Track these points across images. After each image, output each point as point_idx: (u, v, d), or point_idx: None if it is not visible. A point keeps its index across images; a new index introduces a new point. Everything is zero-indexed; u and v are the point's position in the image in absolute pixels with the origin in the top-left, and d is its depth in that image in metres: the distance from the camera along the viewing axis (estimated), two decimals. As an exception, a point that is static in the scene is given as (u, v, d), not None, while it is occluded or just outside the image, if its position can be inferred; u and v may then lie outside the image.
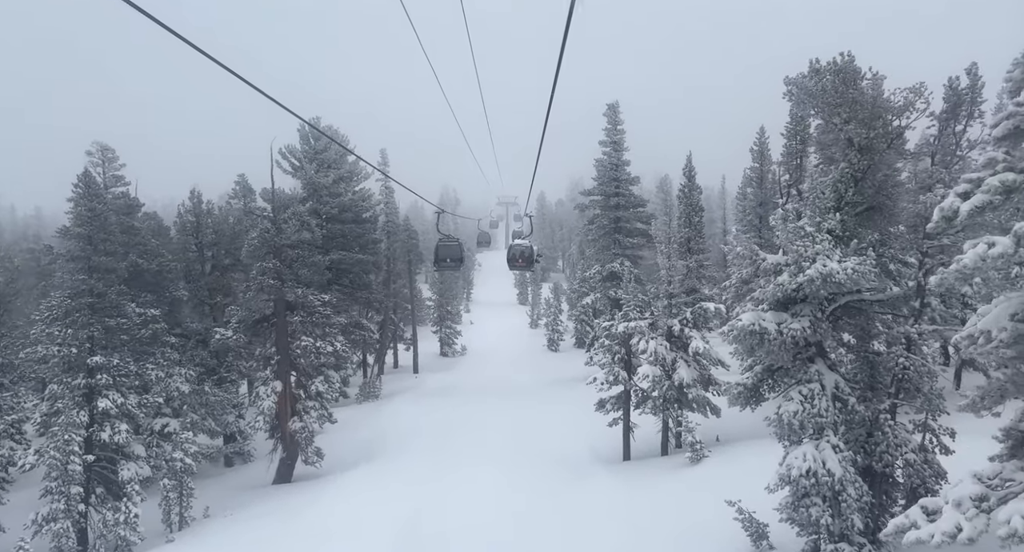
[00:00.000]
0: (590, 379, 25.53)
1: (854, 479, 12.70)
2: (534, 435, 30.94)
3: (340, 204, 45.86)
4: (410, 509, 22.59)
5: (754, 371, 14.35)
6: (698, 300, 25.00)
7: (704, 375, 24.35)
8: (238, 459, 35.83)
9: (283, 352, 29.51)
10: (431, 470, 27.67)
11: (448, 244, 21.88)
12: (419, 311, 77.86)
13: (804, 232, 12.91)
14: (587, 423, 29.57)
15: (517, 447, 29.28)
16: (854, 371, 14.32)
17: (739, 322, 13.31)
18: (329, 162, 47.12)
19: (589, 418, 28.74)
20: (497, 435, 31.92)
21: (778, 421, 13.27)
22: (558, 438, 30.25)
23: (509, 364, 60.21)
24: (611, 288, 44.65)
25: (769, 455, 20.98)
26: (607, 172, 44.81)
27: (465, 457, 29.05)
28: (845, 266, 12.26)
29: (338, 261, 45.49)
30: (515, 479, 25.12)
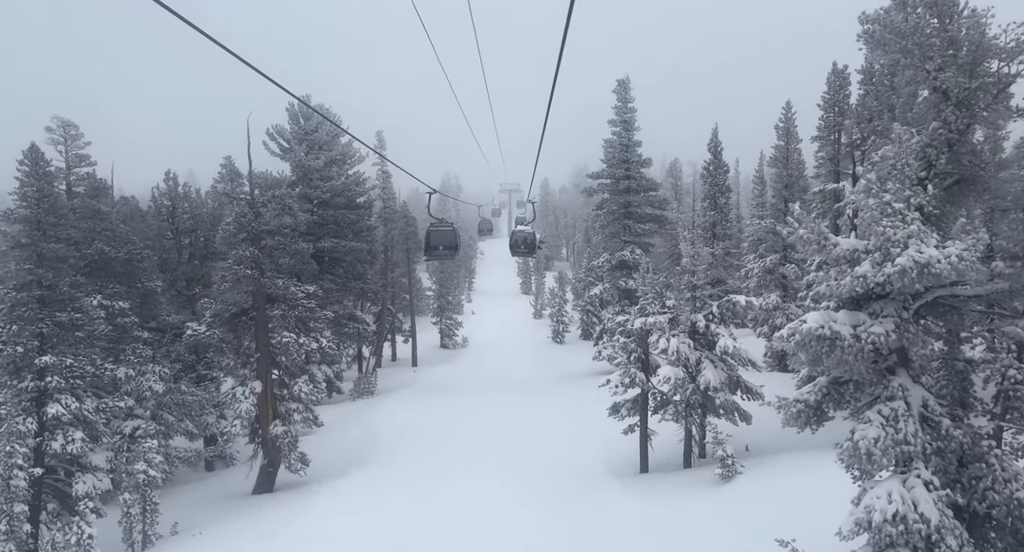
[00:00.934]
0: (603, 381, 22.75)
1: (953, 526, 9.89)
2: (539, 440, 28.19)
3: (332, 188, 42.99)
4: (403, 535, 19.87)
5: (817, 385, 11.51)
6: (725, 292, 22.12)
7: (733, 377, 21.53)
8: (220, 463, 33.18)
9: (263, 349, 26.74)
10: (426, 481, 24.97)
11: (440, 229, 19.09)
12: (419, 301, 75.15)
13: (891, 209, 10.04)
14: (598, 426, 26.78)
15: (521, 455, 26.54)
16: (940, 384, 11.60)
17: (804, 325, 10.48)
18: (320, 143, 44.22)
19: (600, 420, 25.93)
20: (499, 439, 29.18)
21: (852, 449, 10.44)
22: (566, 444, 27.50)
23: (512, 357, 57.45)
24: (621, 278, 41.82)
25: (812, 471, 18.23)
26: (617, 153, 41.83)
27: (464, 466, 26.33)
28: (948, 253, 9.44)
29: (330, 249, 42.69)
30: (520, 494, 22.39)
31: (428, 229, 19.03)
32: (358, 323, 44.94)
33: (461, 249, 20.14)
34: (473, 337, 70.20)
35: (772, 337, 32.79)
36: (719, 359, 21.50)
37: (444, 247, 18.76)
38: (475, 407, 36.01)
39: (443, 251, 18.81)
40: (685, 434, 21.68)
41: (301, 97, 39.99)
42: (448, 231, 18.96)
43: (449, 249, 18.75)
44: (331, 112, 45.20)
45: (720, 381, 20.80)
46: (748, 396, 21.57)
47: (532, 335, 70.67)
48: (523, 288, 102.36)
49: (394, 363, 61.14)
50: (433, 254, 19.05)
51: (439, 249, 18.75)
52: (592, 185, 42.88)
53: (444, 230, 18.98)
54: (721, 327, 21.34)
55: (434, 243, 18.85)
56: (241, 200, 26.10)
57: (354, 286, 43.92)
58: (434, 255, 19.12)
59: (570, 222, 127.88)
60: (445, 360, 60.47)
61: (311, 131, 43.73)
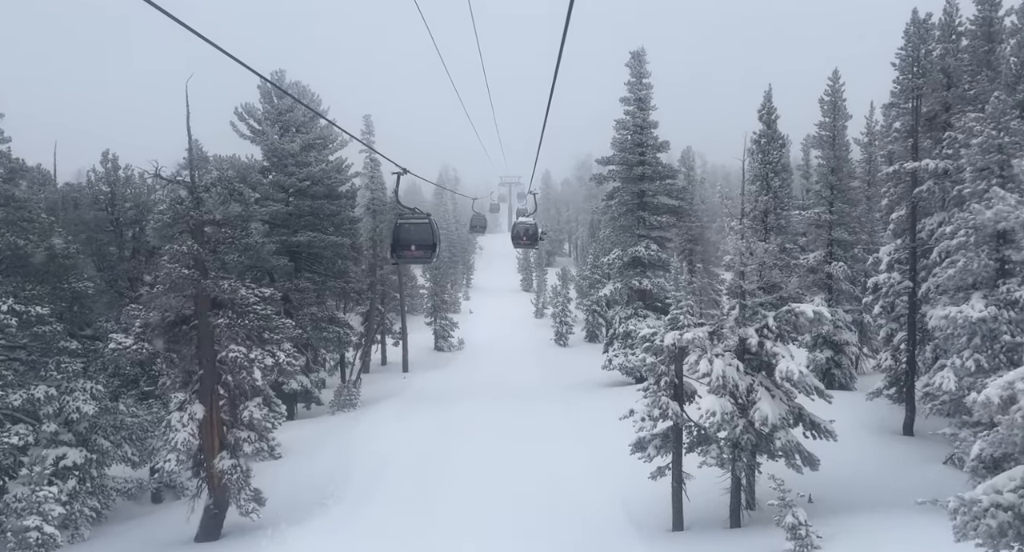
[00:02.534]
0: (626, 413, 17.92)
1: None
2: (544, 474, 23.39)
3: (310, 175, 38.12)
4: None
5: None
6: (782, 300, 17.28)
7: (794, 409, 16.73)
8: (168, 493, 28.42)
9: (206, 366, 21.94)
10: (406, 527, 20.30)
11: (412, 222, 14.33)
12: (412, 299, 70.36)
13: None
14: (615, 456, 21.89)
15: (522, 496, 21.75)
16: None
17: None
18: (296, 125, 39.37)
19: (616, 448, 21.12)
20: (496, 472, 24.41)
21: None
22: (576, 479, 22.72)
23: (512, 361, 52.68)
24: (634, 276, 37.01)
25: (918, 543, 13.56)
26: (630, 135, 36.96)
27: (453, 507, 21.61)
28: None
29: (307, 244, 37.89)
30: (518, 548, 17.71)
31: (396, 223, 14.32)
32: (339, 326, 40.12)
33: (441, 248, 15.32)
34: (470, 338, 65.46)
35: (815, 346, 28.01)
36: (776, 386, 16.69)
37: (417, 246, 14.05)
38: (468, 425, 31.22)
39: (415, 251, 14.11)
40: (732, 483, 16.89)
41: (266, 74, 35.34)
42: (422, 225, 14.23)
43: (424, 249, 14.05)
44: (308, 91, 40.35)
45: (779, 415, 15.99)
46: (814, 433, 16.77)
47: (533, 336, 65.90)
48: (524, 285, 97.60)
49: (383, 367, 56.42)
50: (403, 256, 14.34)
51: (410, 249, 14.05)
52: (602, 172, 38.00)
53: (417, 224, 14.25)
54: (779, 345, 16.51)
55: (404, 241, 14.13)
56: (178, 183, 21.23)
57: (334, 285, 39.08)
58: (404, 257, 14.41)
59: (573, 216, 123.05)
60: (439, 364, 55.74)
61: (285, 111, 38.88)
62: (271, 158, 38.36)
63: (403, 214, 14.30)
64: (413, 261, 14.50)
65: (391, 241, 14.20)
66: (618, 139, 37.30)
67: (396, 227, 14.10)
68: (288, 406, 38.75)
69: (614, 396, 33.39)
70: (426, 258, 14.27)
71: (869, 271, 23.46)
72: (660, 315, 38.05)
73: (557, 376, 43.28)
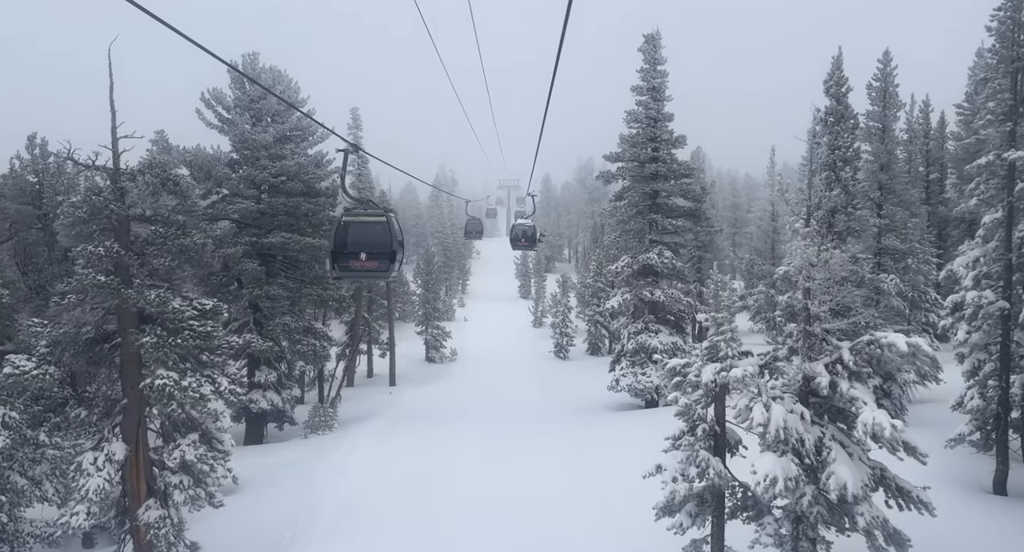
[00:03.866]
0: (652, 469, 13.83)
1: None
2: (542, 533, 19.27)
3: (284, 170, 34.04)
4: None
5: None
6: (859, 328, 13.22)
7: (877, 473, 12.67)
8: (102, 537, 24.29)
9: (132, 394, 17.90)
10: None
11: (364, 221, 10.46)
12: (403, 305, 66.38)
13: None
14: (631, 506, 18.00)
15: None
16: None
17: None
18: (270, 113, 35.32)
19: (635, 502, 17.16)
20: (484, 522, 20.31)
21: None
22: (585, 538, 18.62)
23: (508, 377, 48.57)
24: (645, 287, 32.99)
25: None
26: (642, 129, 32.98)
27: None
28: None
29: (280, 246, 33.84)
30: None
31: (338, 220, 10.35)
32: (316, 338, 36.02)
33: (403, 257, 11.15)
34: (464, 348, 61.39)
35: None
36: (852, 441, 12.64)
37: (369, 254, 10.09)
38: (455, 458, 27.13)
39: (366, 262, 10.12)
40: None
41: (236, 58, 31.07)
42: (376, 225, 10.25)
43: (378, 258, 10.08)
44: (284, 77, 36.31)
45: (861, 482, 11.95)
46: (903, 502, 12.72)
47: (531, 348, 61.82)
48: (522, 292, 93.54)
49: (370, 380, 52.33)
50: (349, 268, 10.33)
51: (358, 258, 10.07)
52: (610, 169, 33.96)
53: (369, 223, 10.27)
54: (856, 386, 12.47)
55: (350, 246, 10.16)
56: (96, 170, 17.15)
57: (311, 292, 35.00)
58: (351, 270, 10.39)
59: (573, 220, 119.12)
60: (429, 377, 51.66)
61: (258, 98, 34.84)
62: (241, 150, 34.34)
63: (350, 209, 10.34)
64: (363, 275, 10.46)
65: (331, 246, 10.20)
66: (627, 135, 33.32)
67: (339, 227, 10.12)
68: (256, 428, 34.75)
69: (624, 424, 29.32)
70: (381, 272, 10.27)
71: (944, 285, 19.48)
72: (673, 330, 34.06)
73: (558, 396, 39.20)
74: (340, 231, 10.15)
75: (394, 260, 10.08)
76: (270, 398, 34.24)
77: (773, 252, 53.08)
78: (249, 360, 35.03)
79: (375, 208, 10.61)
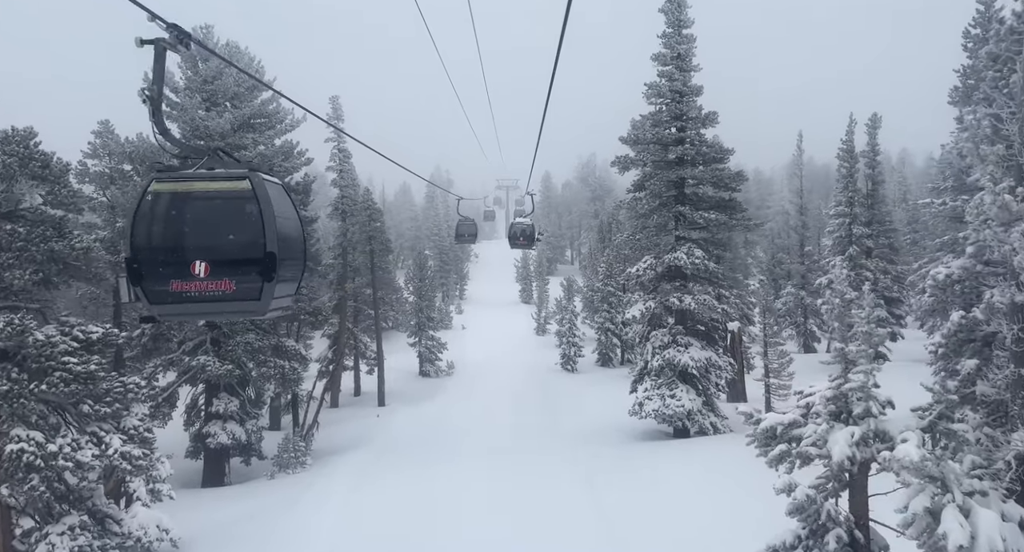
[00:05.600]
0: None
1: None
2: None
3: (244, 162, 28.89)
4: None
5: None
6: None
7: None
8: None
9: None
10: None
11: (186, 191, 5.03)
12: (396, 313, 61.17)
13: None
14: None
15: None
16: None
17: None
18: (227, 96, 30.16)
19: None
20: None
21: None
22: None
23: (511, 394, 43.31)
24: (672, 292, 27.79)
25: None
26: (666, 104, 27.81)
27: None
28: None
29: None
30: None
31: (141, 192, 5.15)
32: (285, 358, 30.78)
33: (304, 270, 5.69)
34: (462, 359, 56.16)
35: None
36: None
37: (215, 266, 4.96)
38: (449, 506, 21.87)
39: (209, 282, 4.92)
40: None
41: (195, 31, 25.62)
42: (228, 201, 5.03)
43: (239, 272, 4.91)
44: (245, 55, 31.20)
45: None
46: None
47: (535, 358, 56.51)
48: (523, 296, 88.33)
49: (356, 399, 47.06)
50: (165, 296, 5.04)
51: (191, 274, 4.88)
52: (628, 154, 28.67)
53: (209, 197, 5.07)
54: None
55: (169, 247, 4.98)
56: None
57: (277, 305, 29.74)
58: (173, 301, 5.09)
59: (575, 220, 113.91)
60: (423, 394, 46.39)
61: (211, 78, 29.67)
62: (192, 139, 29.11)
63: (169, 167, 5.18)
64: (205, 310, 5.06)
65: (127, 249, 4.96)
66: (639, 122, 28.09)
67: (142, 206, 4.94)
68: (215, 465, 29.48)
69: (655, 462, 24.00)
70: (241, 302, 5.02)
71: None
72: (704, 342, 28.86)
73: (569, 420, 33.92)
74: (147, 216, 4.99)
75: (271, 275, 4.90)
76: (231, 430, 29.05)
77: (802, 249, 47.82)
78: (207, 386, 29.90)
79: (224, 163, 5.42)
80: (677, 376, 27.57)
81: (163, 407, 29.23)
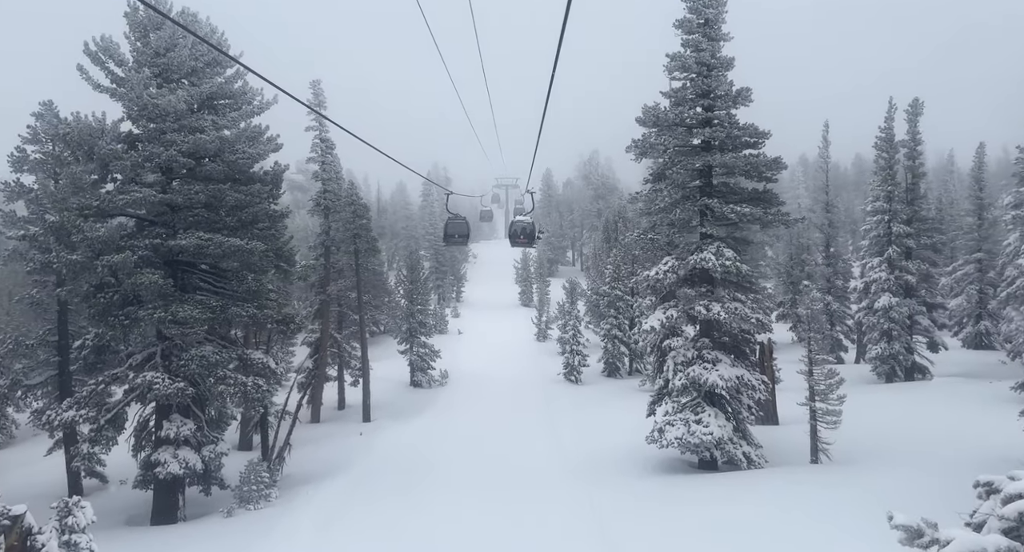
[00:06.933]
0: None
1: None
2: None
3: (201, 147, 24.82)
4: None
5: None
6: None
7: None
8: None
9: None
10: None
11: None
12: (388, 318, 57.22)
13: None
14: None
15: None
16: None
17: None
18: (182, 71, 26.07)
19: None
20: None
21: None
22: None
23: (510, 409, 39.33)
24: (698, 299, 23.77)
25: None
26: (691, 80, 23.79)
27: None
28: None
29: (194, 250, 24.61)
30: None
31: None
32: (252, 373, 26.72)
33: None
34: (457, 368, 52.23)
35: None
36: None
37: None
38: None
39: None
40: None
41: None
42: None
43: None
44: (206, 25, 27.10)
45: None
46: None
47: (536, 367, 52.51)
48: (523, 299, 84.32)
49: (340, 413, 43.04)
50: None
51: None
52: (648, 136, 24.58)
53: None
54: None
55: None
56: None
57: (239, 313, 25.66)
58: None
59: (577, 220, 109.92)
60: (413, 408, 42.39)
61: (164, 50, 25.60)
62: (140, 120, 25.14)
63: None
64: None
65: None
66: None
67: None
68: (166, 498, 25.31)
69: (685, 504, 19.91)
70: None
71: None
72: (734, 357, 24.84)
73: (575, 443, 29.87)
74: None
75: None
76: (184, 458, 24.97)
77: (828, 249, 43.78)
78: (157, 407, 25.87)
79: None
80: (703, 397, 23.56)
81: (106, 431, 25.39)
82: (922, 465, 20.69)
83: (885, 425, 25.62)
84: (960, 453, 21.45)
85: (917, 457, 21.87)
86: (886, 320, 34.18)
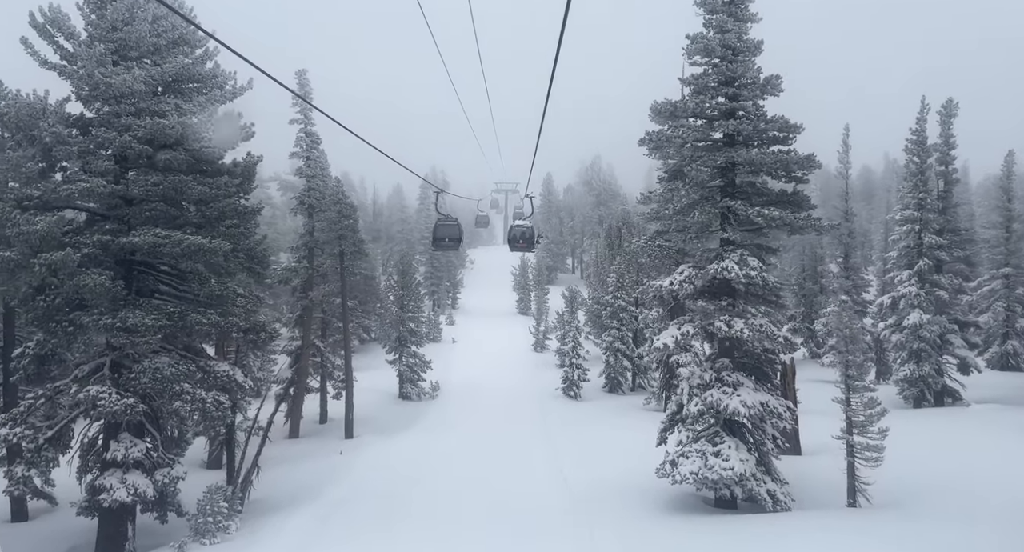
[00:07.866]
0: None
1: None
2: None
3: (159, 133, 21.93)
4: None
5: None
6: None
7: None
8: None
9: None
10: None
11: None
12: (378, 325, 54.32)
13: None
14: None
15: None
16: None
17: None
18: (142, 48, 23.22)
19: None
20: None
21: None
22: None
23: (503, 428, 36.38)
24: (718, 314, 20.92)
25: None
26: (712, 66, 20.99)
27: None
28: None
29: (150, 249, 21.70)
30: None
31: None
32: (213, 387, 23.78)
33: None
34: (449, 379, 49.31)
35: None
36: None
37: None
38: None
39: None
40: None
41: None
42: None
43: None
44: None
45: None
46: None
47: (533, 379, 49.59)
48: (520, 307, 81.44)
49: (323, 427, 40.08)
50: None
51: None
52: (662, 129, 21.73)
53: None
54: None
55: None
56: None
57: (198, 319, 22.72)
58: None
59: (577, 226, 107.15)
60: (400, 422, 39.48)
61: (120, 24, 22.73)
62: (92, 101, 22.31)
63: None
64: None
65: None
66: (689, 78, 21.25)
67: None
68: (112, 528, 22.33)
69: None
70: None
71: None
72: (757, 380, 21.97)
73: (576, 468, 26.95)
74: None
75: None
76: (133, 483, 21.99)
77: (847, 261, 40.95)
78: (105, 426, 22.96)
79: None
80: (722, 425, 20.69)
81: (47, 451, 22.51)
82: (975, 513, 17.91)
83: (924, 459, 22.75)
84: (1016, 500, 18.69)
85: (968, 501, 19.08)
86: (915, 339, 31.32)
